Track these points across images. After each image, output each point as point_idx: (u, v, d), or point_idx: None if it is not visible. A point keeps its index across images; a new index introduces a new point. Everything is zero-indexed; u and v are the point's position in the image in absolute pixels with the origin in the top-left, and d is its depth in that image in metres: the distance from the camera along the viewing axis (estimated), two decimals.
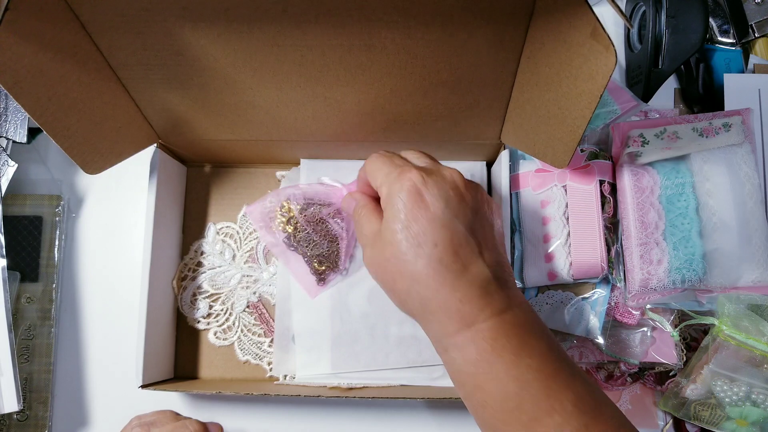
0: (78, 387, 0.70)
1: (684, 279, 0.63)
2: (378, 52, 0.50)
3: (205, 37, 0.49)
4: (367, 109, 0.58)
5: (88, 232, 0.73)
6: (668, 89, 0.76)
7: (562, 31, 0.45)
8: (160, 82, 0.55)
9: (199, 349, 0.70)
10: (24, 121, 0.69)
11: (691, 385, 0.63)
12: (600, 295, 0.66)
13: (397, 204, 0.45)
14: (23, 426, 0.68)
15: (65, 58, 0.48)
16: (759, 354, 0.60)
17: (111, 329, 0.71)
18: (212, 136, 0.64)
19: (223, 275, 0.71)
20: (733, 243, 0.63)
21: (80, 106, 0.52)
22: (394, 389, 0.64)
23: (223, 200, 0.73)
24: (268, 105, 0.58)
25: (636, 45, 0.75)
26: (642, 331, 0.66)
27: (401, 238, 0.45)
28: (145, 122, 0.61)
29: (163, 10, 0.46)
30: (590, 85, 0.45)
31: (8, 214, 0.70)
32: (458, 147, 0.67)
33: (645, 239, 0.63)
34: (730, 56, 0.75)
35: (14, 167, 0.69)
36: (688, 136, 0.65)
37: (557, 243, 0.65)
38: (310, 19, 0.46)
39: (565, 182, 0.66)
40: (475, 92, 0.56)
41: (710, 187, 0.64)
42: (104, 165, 0.59)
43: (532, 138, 0.58)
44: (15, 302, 0.69)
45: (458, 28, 0.47)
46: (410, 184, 0.45)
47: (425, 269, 0.44)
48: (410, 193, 0.45)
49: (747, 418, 0.62)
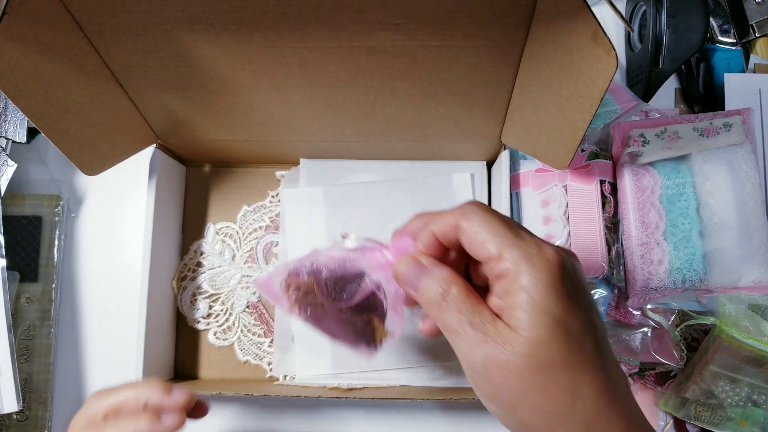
0: (78, 387, 0.70)
1: (684, 279, 0.63)
2: (378, 53, 0.50)
3: (204, 39, 0.48)
4: (366, 109, 0.58)
5: (87, 232, 0.73)
6: (669, 89, 0.76)
7: (562, 34, 0.44)
8: (159, 84, 0.55)
9: (199, 350, 0.70)
10: (23, 121, 0.69)
11: (692, 385, 0.63)
12: (600, 295, 0.66)
13: (546, 291, 0.34)
14: (23, 426, 0.68)
15: (63, 61, 0.48)
16: (759, 354, 0.60)
17: (111, 329, 0.71)
18: (212, 137, 0.64)
19: (222, 275, 0.70)
20: (734, 243, 0.63)
21: (79, 108, 0.52)
22: (394, 389, 0.64)
23: (222, 200, 0.72)
24: (267, 106, 0.58)
25: (636, 45, 0.75)
26: (642, 331, 0.66)
27: (556, 339, 0.34)
28: (144, 123, 0.61)
29: (161, 12, 0.46)
30: (591, 88, 0.45)
31: (8, 214, 0.70)
32: (458, 147, 0.67)
33: (645, 239, 0.63)
34: (731, 56, 0.75)
35: (14, 167, 0.69)
36: (689, 135, 0.64)
37: (558, 243, 0.64)
38: (310, 21, 0.46)
39: (565, 182, 0.65)
40: (475, 93, 0.55)
41: (711, 187, 0.64)
42: (103, 166, 0.59)
43: (533, 139, 0.58)
44: (14, 302, 0.69)
45: (458, 31, 0.47)
46: (556, 263, 0.35)
47: (589, 385, 0.34)
48: (561, 278, 0.35)
49: (748, 419, 0.62)
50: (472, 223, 0.37)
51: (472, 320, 0.36)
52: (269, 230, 0.72)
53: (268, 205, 0.72)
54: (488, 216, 0.37)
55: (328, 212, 0.69)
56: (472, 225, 0.37)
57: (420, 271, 0.39)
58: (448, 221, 0.39)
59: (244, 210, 0.72)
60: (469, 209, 0.38)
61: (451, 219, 0.39)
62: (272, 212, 0.72)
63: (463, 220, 0.38)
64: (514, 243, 0.36)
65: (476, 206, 0.38)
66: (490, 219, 0.37)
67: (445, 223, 0.39)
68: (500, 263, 0.36)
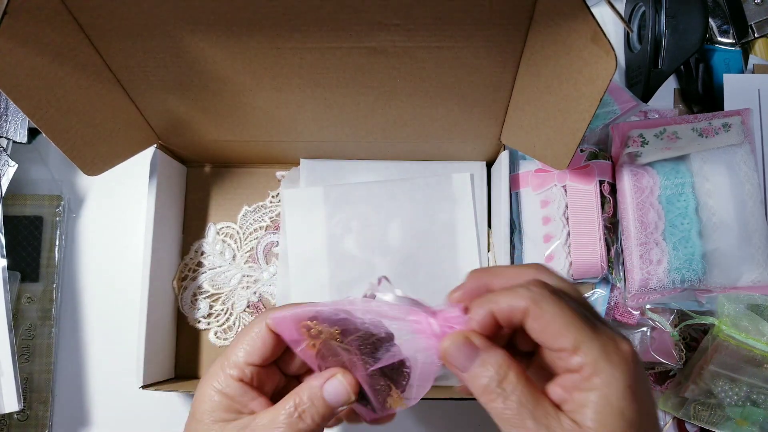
0: (78, 387, 0.70)
1: (684, 279, 0.63)
2: (378, 54, 0.50)
3: (205, 40, 0.49)
4: (366, 110, 0.58)
5: (88, 232, 0.73)
6: (668, 89, 0.76)
7: (562, 35, 0.45)
8: (159, 85, 0.55)
9: (199, 349, 0.70)
10: (24, 122, 0.69)
11: (691, 384, 0.63)
12: (600, 295, 0.66)
13: (623, 393, 0.32)
14: (23, 426, 0.68)
15: (64, 62, 0.48)
16: (759, 354, 0.60)
17: (111, 329, 0.71)
18: (212, 137, 0.64)
19: (223, 275, 0.71)
20: (733, 243, 0.63)
21: (79, 108, 0.52)
22: None
23: (223, 200, 0.73)
24: (267, 106, 0.58)
25: (636, 45, 0.75)
26: (642, 331, 0.66)
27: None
28: (145, 124, 0.61)
29: (162, 13, 0.46)
30: (590, 89, 0.45)
31: (9, 214, 0.70)
32: (458, 147, 0.67)
33: (645, 239, 0.63)
34: (730, 56, 0.75)
35: (15, 167, 0.69)
36: (688, 136, 0.65)
37: (557, 243, 0.65)
38: (310, 22, 0.46)
39: (564, 182, 0.66)
40: (475, 94, 0.56)
41: (710, 188, 0.64)
42: (104, 166, 0.59)
43: (532, 139, 0.58)
44: (15, 302, 0.69)
45: (458, 31, 0.47)
46: (633, 361, 0.33)
47: None
48: (637, 379, 0.33)
49: (747, 418, 0.62)
50: (545, 311, 0.34)
51: (535, 413, 0.33)
52: (270, 230, 0.72)
53: (269, 206, 0.72)
54: (561, 304, 0.34)
55: (328, 212, 0.69)
56: (545, 313, 0.34)
57: (472, 353, 0.35)
58: (515, 304, 0.35)
59: (244, 210, 0.72)
60: (540, 294, 0.34)
61: (517, 302, 0.34)
62: (273, 212, 0.72)
63: (534, 306, 0.34)
64: (592, 337, 0.33)
65: (547, 291, 0.35)
66: (564, 307, 0.34)
67: (509, 304, 0.35)
68: (575, 357, 0.33)
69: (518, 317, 0.35)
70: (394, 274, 0.68)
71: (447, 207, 0.69)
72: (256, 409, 0.38)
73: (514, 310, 0.34)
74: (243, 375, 0.39)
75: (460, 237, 0.68)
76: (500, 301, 0.35)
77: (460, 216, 0.69)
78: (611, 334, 0.34)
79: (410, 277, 0.68)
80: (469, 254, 0.68)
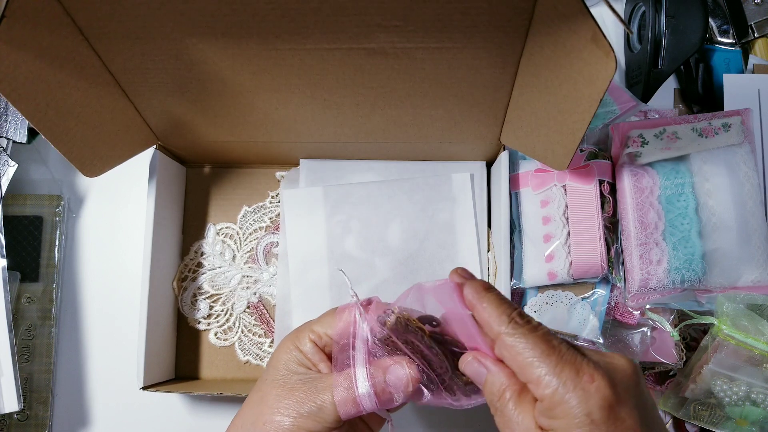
0: (78, 387, 0.70)
1: (683, 279, 0.63)
2: (377, 55, 0.50)
3: (204, 41, 0.49)
4: (366, 110, 0.58)
5: (88, 232, 0.73)
6: (668, 89, 0.76)
7: (561, 36, 0.45)
8: (159, 86, 0.55)
9: (199, 350, 0.70)
10: (24, 122, 0.69)
11: (691, 384, 0.63)
12: (600, 295, 0.66)
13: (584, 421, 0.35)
14: (23, 426, 0.68)
15: (63, 64, 0.48)
16: (758, 353, 0.60)
17: (111, 329, 0.71)
18: (211, 138, 0.64)
19: (223, 276, 0.71)
20: (733, 243, 0.63)
21: (79, 110, 0.52)
22: None
23: (223, 201, 0.73)
24: (267, 107, 0.58)
25: (636, 45, 0.75)
26: (642, 331, 0.66)
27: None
28: (145, 125, 0.61)
29: (161, 15, 0.46)
30: (590, 89, 0.45)
31: (8, 214, 0.70)
32: (458, 147, 0.67)
33: (644, 239, 0.63)
34: (730, 56, 0.75)
35: (14, 167, 0.69)
36: (688, 136, 0.65)
37: (557, 243, 0.65)
38: (309, 23, 0.46)
39: (564, 182, 0.66)
40: (475, 94, 0.56)
41: (710, 188, 0.64)
42: (103, 168, 0.59)
43: (532, 140, 0.58)
44: (15, 302, 0.69)
45: (457, 32, 0.47)
46: (600, 398, 0.35)
47: None
48: (603, 409, 0.35)
49: (747, 418, 0.62)
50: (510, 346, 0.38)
51: (517, 430, 0.38)
52: (269, 231, 0.72)
53: (269, 206, 0.72)
54: (532, 340, 0.37)
55: (328, 212, 0.69)
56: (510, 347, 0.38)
57: (479, 367, 0.41)
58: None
59: (244, 210, 0.72)
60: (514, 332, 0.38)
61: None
62: (272, 213, 0.72)
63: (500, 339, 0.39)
64: (554, 370, 0.36)
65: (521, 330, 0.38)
66: (536, 344, 0.37)
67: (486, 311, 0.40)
68: (537, 390, 0.37)
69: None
70: (394, 274, 0.68)
71: (447, 207, 0.69)
72: (323, 370, 0.45)
73: (510, 349, 0.38)
74: (318, 340, 0.45)
75: (459, 237, 0.68)
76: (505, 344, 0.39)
77: (459, 216, 0.69)
78: (579, 364, 0.36)
79: (410, 277, 0.68)
80: (469, 254, 0.68)
